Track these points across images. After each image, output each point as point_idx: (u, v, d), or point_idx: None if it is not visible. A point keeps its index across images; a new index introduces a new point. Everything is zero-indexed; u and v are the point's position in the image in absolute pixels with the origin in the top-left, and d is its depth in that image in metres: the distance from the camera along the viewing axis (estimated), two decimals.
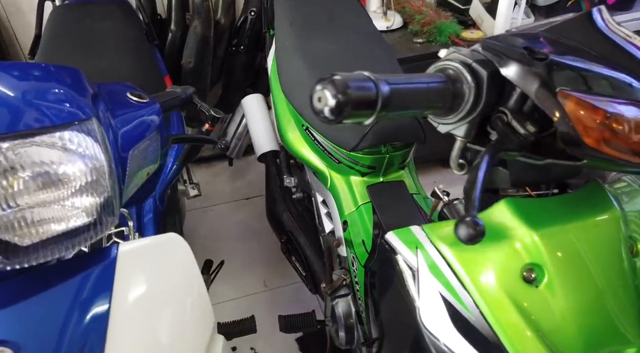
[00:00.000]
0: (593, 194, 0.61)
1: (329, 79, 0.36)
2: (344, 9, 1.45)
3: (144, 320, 0.54)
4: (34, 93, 0.48)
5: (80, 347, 0.48)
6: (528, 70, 0.44)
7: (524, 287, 0.56)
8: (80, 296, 0.51)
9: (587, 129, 0.44)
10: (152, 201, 1.16)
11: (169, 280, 0.58)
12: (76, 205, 0.49)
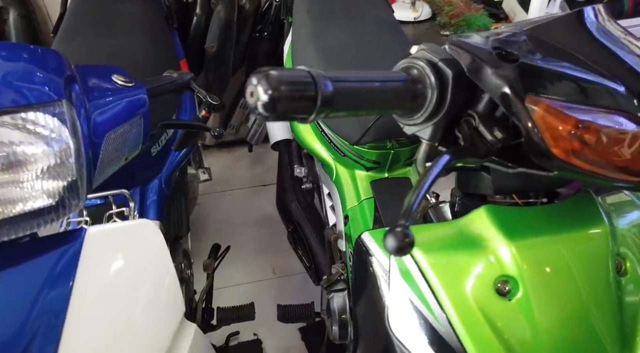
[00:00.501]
0: (582, 206, 0.57)
1: (263, 73, 0.35)
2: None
3: (107, 305, 0.55)
4: (2, 72, 0.48)
5: (36, 328, 0.49)
6: (494, 72, 0.41)
7: (497, 300, 0.53)
8: (42, 277, 0.51)
9: (555, 139, 0.41)
10: (158, 183, 1.17)
11: (137, 266, 0.58)
12: (38, 187, 0.49)
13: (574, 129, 0.41)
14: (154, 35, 1.31)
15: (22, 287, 0.50)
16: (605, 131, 0.42)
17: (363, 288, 0.64)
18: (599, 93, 0.44)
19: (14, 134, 0.47)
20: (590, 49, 0.48)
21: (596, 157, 0.43)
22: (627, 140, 0.43)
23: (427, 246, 0.57)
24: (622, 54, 0.47)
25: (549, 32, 0.48)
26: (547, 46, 0.47)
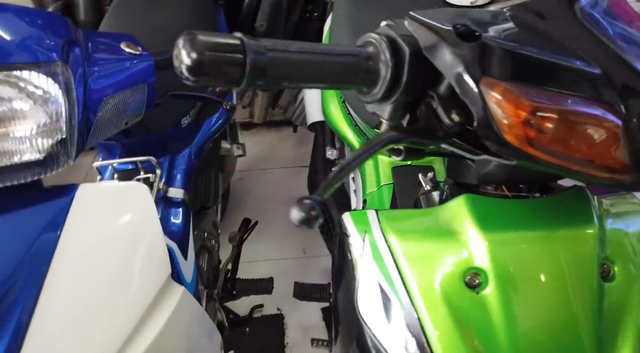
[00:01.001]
0: (573, 203, 0.53)
1: (191, 36, 0.35)
2: None
3: (90, 258, 0.58)
4: (3, 32, 0.52)
5: (21, 272, 0.53)
6: (451, 50, 0.39)
7: (464, 292, 0.51)
8: (32, 225, 0.55)
9: (509, 125, 0.38)
10: (187, 154, 1.22)
11: (123, 224, 0.61)
12: (28, 142, 0.53)
13: (530, 115, 0.38)
14: (197, 10, 1.34)
15: (12, 232, 0.55)
16: (567, 120, 0.39)
17: (341, 271, 0.64)
18: (573, 80, 0.40)
19: (8, 91, 0.51)
20: (578, 34, 0.44)
21: (555, 148, 0.39)
22: (593, 132, 0.40)
23: (402, 231, 0.55)
24: (613, 42, 0.43)
25: (534, 12, 0.44)
26: (524, 27, 0.43)
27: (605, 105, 0.40)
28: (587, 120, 0.40)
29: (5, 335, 0.52)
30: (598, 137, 0.40)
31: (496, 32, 0.41)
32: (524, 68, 0.40)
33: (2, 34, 0.52)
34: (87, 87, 0.59)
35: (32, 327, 0.53)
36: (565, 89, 0.40)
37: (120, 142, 1.09)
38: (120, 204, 0.62)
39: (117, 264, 0.60)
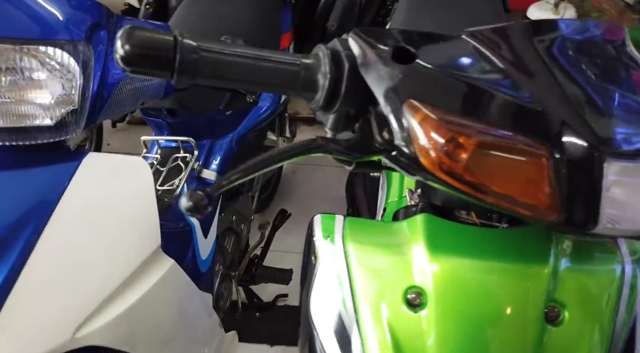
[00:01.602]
0: (534, 238, 0.51)
1: (129, 29, 0.38)
2: None
3: (86, 218, 0.65)
4: (36, 9, 0.59)
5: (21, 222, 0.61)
6: (382, 69, 0.39)
7: (404, 309, 0.51)
8: (40, 182, 0.63)
9: (424, 149, 0.37)
10: (229, 140, 1.29)
11: (120, 195, 0.68)
12: (43, 109, 0.60)
13: (446, 142, 0.37)
14: (261, 6, 1.41)
15: (24, 184, 0.63)
16: (486, 152, 0.38)
17: (304, 272, 0.65)
18: (505, 112, 0.39)
19: (32, 62, 0.58)
20: (532, 67, 0.42)
21: (469, 178, 0.38)
22: (516, 167, 0.38)
23: (360, 240, 0.56)
24: (569, 79, 0.41)
25: (498, 39, 0.43)
26: (474, 53, 0.42)
27: (535, 142, 0.39)
28: (510, 154, 0.39)
29: (3, 270, 0.60)
30: (521, 172, 0.39)
31: (436, 57, 0.41)
32: (453, 94, 0.39)
33: (36, 11, 0.59)
34: (106, 67, 0.66)
35: (26, 268, 0.61)
36: (494, 120, 0.39)
37: (166, 121, 1.18)
38: (121, 175, 0.68)
39: (109, 227, 0.67)
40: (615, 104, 0.42)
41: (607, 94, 0.42)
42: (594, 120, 0.40)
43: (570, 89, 0.41)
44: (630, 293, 0.52)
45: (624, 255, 0.54)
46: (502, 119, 0.39)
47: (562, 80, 0.41)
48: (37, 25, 0.59)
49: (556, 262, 0.49)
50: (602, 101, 0.42)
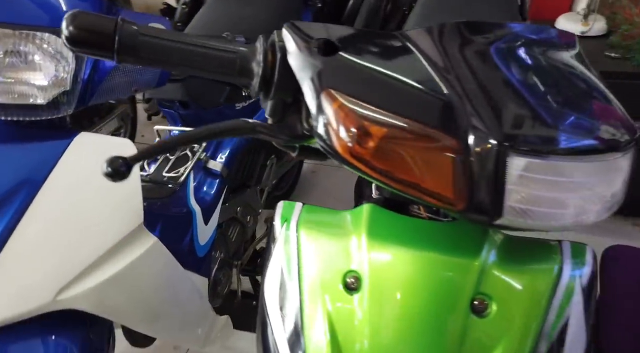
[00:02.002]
0: (471, 232, 0.52)
1: (77, 12, 0.42)
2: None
3: (72, 191, 0.71)
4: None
5: (15, 190, 0.67)
6: (305, 60, 0.42)
7: (341, 292, 0.53)
8: (35, 155, 0.70)
9: (338, 136, 0.40)
10: None
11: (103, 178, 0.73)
12: (37, 89, 0.67)
13: (357, 130, 0.40)
14: (284, 6, 1.46)
15: (21, 156, 0.70)
16: (393, 141, 0.40)
17: (263, 258, 0.69)
18: (420, 106, 0.41)
19: (30, 47, 0.65)
20: (461, 65, 0.44)
21: (377, 164, 0.41)
22: (422, 157, 0.40)
23: (312, 226, 0.59)
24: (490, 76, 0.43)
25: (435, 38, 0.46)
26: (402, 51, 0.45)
27: (444, 135, 0.40)
28: (418, 145, 0.41)
29: None
30: (428, 162, 0.41)
31: (361, 52, 0.43)
32: (370, 87, 0.42)
33: (39, 0, 0.66)
34: None
35: (15, 233, 0.68)
36: (406, 112, 0.41)
37: (179, 113, 1.25)
38: (107, 152, 0.73)
39: (94, 201, 0.73)
40: (534, 104, 0.43)
41: (528, 94, 0.44)
42: (505, 117, 0.41)
43: (490, 87, 0.42)
44: (565, 295, 0.52)
45: (565, 258, 0.55)
46: (414, 111, 0.41)
47: (483, 79, 0.43)
48: (37, 13, 0.65)
49: (488, 256, 0.50)
50: (520, 100, 0.43)
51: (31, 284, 0.69)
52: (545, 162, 0.41)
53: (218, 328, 1.18)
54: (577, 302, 0.53)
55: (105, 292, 0.76)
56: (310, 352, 0.54)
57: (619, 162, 0.44)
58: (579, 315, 0.53)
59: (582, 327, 0.53)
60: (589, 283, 0.55)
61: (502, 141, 0.40)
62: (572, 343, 0.52)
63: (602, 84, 0.50)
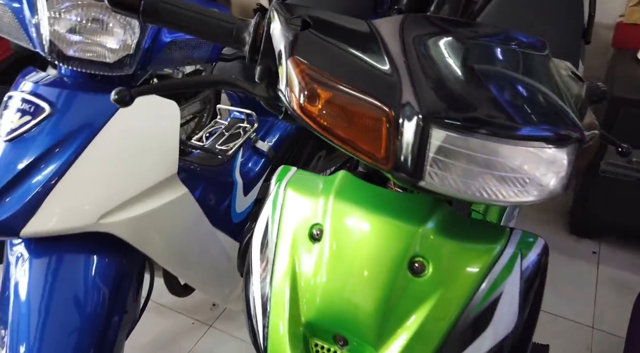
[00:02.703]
0: (421, 204, 0.59)
1: None
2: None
3: (122, 140, 0.87)
4: None
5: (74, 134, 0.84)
6: (282, 33, 0.52)
7: (307, 241, 0.62)
8: (98, 105, 0.87)
9: (295, 95, 0.50)
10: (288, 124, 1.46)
11: (152, 126, 0.89)
12: (111, 51, 0.83)
13: (308, 92, 0.49)
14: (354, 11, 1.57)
15: (90, 103, 0.87)
16: (337, 103, 0.48)
17: (255, 213, 0.79)
18: (365, 78, 0.49)
19: (108, 15, 0.82)
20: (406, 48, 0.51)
21: (322, 121, 0.49)
22: (359, 119, 0.48)
23: (297, 187, 0.68)
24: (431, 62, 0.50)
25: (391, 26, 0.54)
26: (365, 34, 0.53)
27: (380, 103, 0.48)
28: (357, 109, 0.49)
29: (59, 163, 0.84)
30: (364, 125, 0.49)
31: (330, 31, 0.53)
32: (329, 58, 0.50)
33: None
34: (161, 30, 0.87)
35: (74, 164, 0.85)
36: (352, 81, 0.49)
37: (239, 95, 1.40)
38: (156, 111, 0.89)
39: (137, 147, 0.88)
40: (469, 90, 0.49)
41: (467, 81, 0.50)
42: (437, 97, 0.48)
43: (431, 72, 0.49)
44: (502, 272, 0.57)
45: (511, 242, 0.59)
46: (360, 83, 0.50)
47: (427, 65, 0.50)
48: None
49: (433, 226, 0.57)
50: (456, 86, 0.49)
51: (82, 205, 0.85)
52: (462, 137, 0.47)
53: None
54: (513, 281, 0.58)
55: (139, 225, 0.91)
56: (275, 284, 0.64)
57: (541, 152, 0.49)
58: (512, 294, 0.57)
59: (515, 306, 0.57)
60: (531, 270, 0.59)
61: (427, 116, 0.47)
62: (501, 316, 0.57)
63: (558, 86, 0.55)
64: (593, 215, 1.94)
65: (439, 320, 0.57)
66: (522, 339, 0.60)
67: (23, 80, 0.88)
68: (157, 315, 1.70)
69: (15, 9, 0.84)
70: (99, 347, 0.91)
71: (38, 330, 0.87)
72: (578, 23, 1.45)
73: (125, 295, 0.97)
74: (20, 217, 0.83)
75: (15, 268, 0.89)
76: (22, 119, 0.84)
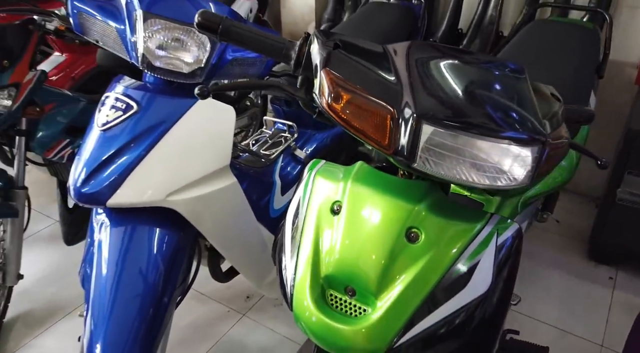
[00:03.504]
0: (417, 189, 0.75)
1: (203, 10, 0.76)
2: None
3: (188, 135, 1.09)
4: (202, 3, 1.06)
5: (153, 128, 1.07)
6: (318, 51, 0.71)
7: (329, 215, 0.79)
8: (172, 107, 1.10)
9: (325, 97, 0.69)
10: (326, 135, 1.66)
11: (211, 126, 1.11)
12: (184, 63, 1.06)
13: (333, 94, 0.68)
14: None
15: (168, 105, 1.10)
16: (354, 103, 0.67)
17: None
18: (378, 86, 0.67)
19: (186, 36, 1.05)
20: (410, 66, 0.70)
21: (343, 116, 0.68)
22: (369, 116, 0.67)
23: (323, 174, 0.85)
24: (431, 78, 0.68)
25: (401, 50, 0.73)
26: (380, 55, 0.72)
27: (387, 104, 0.66)
28: (368, 108, 0.67)
29: (140, 149, 1.07)
30: (373, 119, 0.66)
31: (355, 52, 0.72)
32: (351, 71, 0.69)
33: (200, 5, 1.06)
34: (226, 49, 1.10)
35: (152, 151, 1.07)
36: (367, 88, 0.67)
37: (283, 109, 1.62)
38: (216, 114, 1.11)
39: (199, 141, 1.10)
40: (456, 98, 0.67)
41: (458, 92, 0.67)
42: (430, 102, 0.66)
43: (429, 84, 0.67)
44: (481, 245, 0.73)
45: (490, 223, 0.75)
46: (371, 88, 0.68)
47: (426, 79, 0.67)
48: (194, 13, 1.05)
49: (428, 205, 0.73)
50: (448, 95, 0.67)
51: (154, 184, 1.07)
52: (445, 132, 0.64)
53: (275, 281, 1.49)
54: (489, 252, 0.73)
55: (196, 205, 1.12)
56: (302, 247, 0.81)
57: (508, 148, 0.64)
58: (488, 263, 0.73)
59: (489, 274, 0.73)
60: (505, 247, 0.74)
61: (420, 115, 0.65)
62: (477, 280, 0.72)
63: (531, 102, 0.71)
64: (611, 242, 2.03)
65: (427, 278, 0.73)
66: (496, 302, 0.75)
67: (117, 84, 1.12)
68: (198, 302, 1.90)
69: (120, 29, 1.09)
70: (155, 310, 1.10)
71: (113, 287, 1.07)
72: (593, 59, 1.61)
73: (178, 267, 1.17)
74: (107, 191, 1.05)
75: (98, 233, 1.11)
76: (115, 114, 1.07)
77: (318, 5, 2.75)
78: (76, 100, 1.68)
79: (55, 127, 1.62)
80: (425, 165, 0.67)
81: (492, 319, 0.76)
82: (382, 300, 0.74)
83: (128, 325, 1.06)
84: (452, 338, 0.74)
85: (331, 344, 0.77)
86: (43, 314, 1.87)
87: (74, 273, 2.05)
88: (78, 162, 1.08)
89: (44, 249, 2.19)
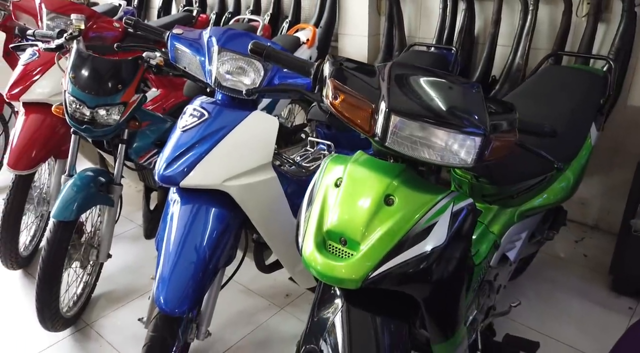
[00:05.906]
0: (399, 169, 1.04)
1: (254, 41, 1.14)
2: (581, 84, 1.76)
3: (242, 138, 1.46)
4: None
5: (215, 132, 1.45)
6: (328, 68, 1.05)
7: (333, 188, 1.10)
8: (234, 116, 1.48)
9: (328, 96, 1.02)
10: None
11: (260, 132, 1.47)
12: (243, 83, 1.45)
13: (334, 94, 1.01)
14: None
15: (229, 115, 1.48)
16: (347, 101, 0.99)
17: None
18: (366, 89, 0.99)
19: (247, 64, 1.44)
20: (392, 77, 1.01)
21: (340, 109, 1.00)
22: (358, 110, 0.98)
23: (333, 161, 1.17)
24: (407, 87, 0.99)
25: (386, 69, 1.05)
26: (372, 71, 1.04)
27: (370, 102, 0.96)
28: (357, 104, 0.98)
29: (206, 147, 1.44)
30: (360, 112, 0.98)
31: (353, 68, 1.05)
32: (348, 80, 1.02)
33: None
34: (274, 76, 1.47)
35: (213, 149, 1.44)
36: (357, 91, 0.98)
37: (324, 131, 1.97)
38: (263, 123, 1.47)
39: (251, 141, 1.46)
40: (421, 99, 0.97)
41: (423, 95, 0.98)
42: (399, 101, 0.96)
43: (403, 90, 0.96)
44: (439, 210, 0.97)
45: (450, 195, 1.02)
46: (360, 91, 0.99)
47: (401, 86, 0.97)
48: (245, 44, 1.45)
49: (401, 179, 1.00)
50: (415, 97, 0.98)
51: (215, 171, 1.43)
52: (407, 121, 0.95)
53: (307, 273, 1.78)
54: (445, 216, 1.00)
55: (244, 192, 1.46)
56: (312, 211, 1.12)
57: (455, 135, 0.93)
58: (443, 224, 0.99)
59: (444, 232, 0.99)
60: (460, 214, 1.01)
61: (390, 109, 0.96)
62: (434, 235, 0.98)
63: (483, 107, 0.99)
64: (630, 274, 2.12)
65: (396, 231, 1.00)
66: (453, 255, 1.01)
67: (196, 100, 1.53)
68: (244, 295, 2.22)
69: (202, 60, 1.51)
70: (203, 273, 1.43)
71: (178, 249, 1.42)
72: (595, 99, 1.82)
73: (224, 245, 1.49)
74: (181, 175, 1.42)
75: (171, 207, 1.49)
76: (192, 120, 1.47)
77: (370, 55, 3.15)
78: (165, 120, 2.13)
79: (148, 139, 2.07)
80: (394, 144, 0.97)
81: (452, 269, 1.01)
82: (363, 245, 1.02)
83: (186, 278, 1.40)
84: (417, 277, 0.99)
85: (330, 277, 1.04)
86: (121, 294, 2.27)
87: (148, 265, 2.47)
88: (162, 154, 1.47)
89: (128, 246, 2.66)
